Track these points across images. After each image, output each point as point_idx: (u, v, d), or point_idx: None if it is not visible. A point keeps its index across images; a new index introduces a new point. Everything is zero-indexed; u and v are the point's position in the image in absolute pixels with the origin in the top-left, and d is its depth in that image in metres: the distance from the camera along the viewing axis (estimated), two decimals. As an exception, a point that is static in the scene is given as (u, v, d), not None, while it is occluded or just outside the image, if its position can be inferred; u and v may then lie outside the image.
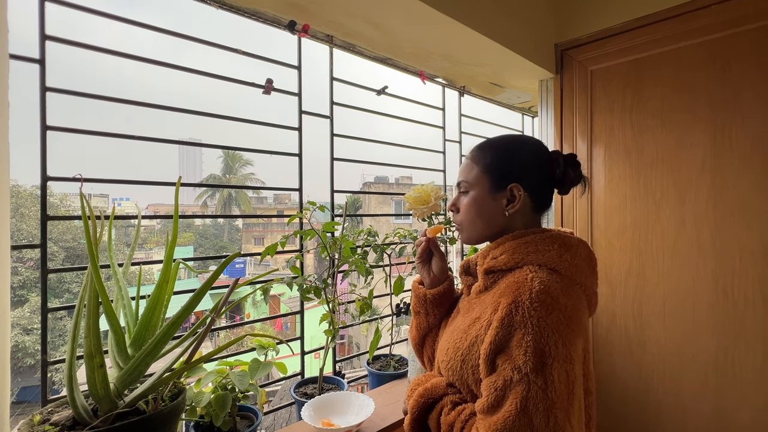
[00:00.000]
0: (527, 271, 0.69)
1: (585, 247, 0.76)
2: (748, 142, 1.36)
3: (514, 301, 0.64)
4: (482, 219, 0.80)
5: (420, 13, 1.29)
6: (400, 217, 14.04)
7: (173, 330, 0.83)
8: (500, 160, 0.80)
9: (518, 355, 0.61)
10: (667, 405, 1.51)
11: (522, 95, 2.21)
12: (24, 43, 0.95)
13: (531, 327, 0.61)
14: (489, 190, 0.79)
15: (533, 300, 0.63)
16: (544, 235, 0.74)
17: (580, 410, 0.64)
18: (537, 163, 0.80)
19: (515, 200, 0.77)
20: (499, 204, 0.78)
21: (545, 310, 0.62)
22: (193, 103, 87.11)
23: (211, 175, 31.29)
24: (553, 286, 0.66)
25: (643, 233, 1.57)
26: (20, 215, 12.93)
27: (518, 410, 0.59)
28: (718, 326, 1.40)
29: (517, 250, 0.73)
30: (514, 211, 0.77)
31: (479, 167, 0.81)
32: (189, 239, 25.76)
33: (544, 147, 0.83)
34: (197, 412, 0.99)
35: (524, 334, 0.61)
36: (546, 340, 0.61)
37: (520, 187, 0.77)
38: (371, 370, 1.49)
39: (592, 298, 0.75)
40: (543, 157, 0.81)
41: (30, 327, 11.71)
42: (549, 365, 0.60)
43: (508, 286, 0.68)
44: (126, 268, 0.95)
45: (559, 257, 0.71)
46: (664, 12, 1.51)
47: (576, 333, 0.64)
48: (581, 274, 0.72)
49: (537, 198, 0.79)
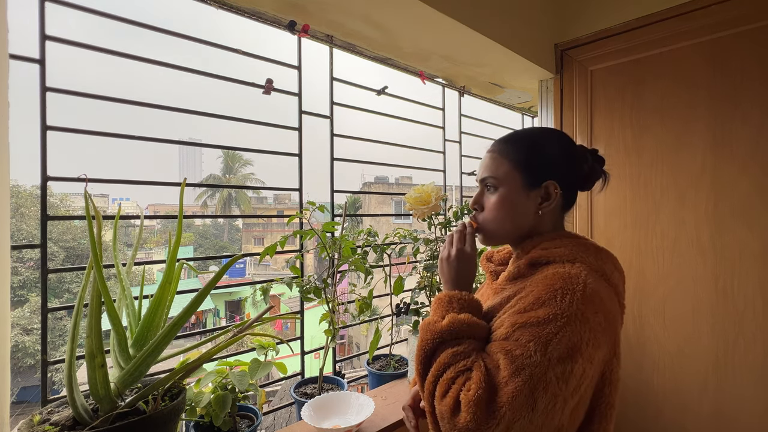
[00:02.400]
0: (580, 267, 0.65)
1: (623, 273, 0.75)
2: (748, 142, 1.36)
3: (564, 288, 0.61)
4: (512, 218, 0.75)
5: (420, 13, 1.29)
6: (400, 217, 14.03)
7: (175, 330, 0.83)
8: (534, 155, 0.74)
9: (549, 336, 0.58)
10: (667, 405, 1.51)
11: (522, 95, 2.21)
12: (24, 43, 0.95)
13: (573, 317, 0.59)
14: (522, 187, 0.73)
15: (586, 295, 0.61)
16: (599, 246, 0.73)
17: (577, 409, 0.64)
18: (568, 158, 0.75)
19: (550, 198, 0.73)
20: (533, 202, 0.73)
21: (592, 308, 0.61)
22: (193, 104, 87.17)
23: (211, 175, 31.29)
24: (603, 290, 0.65)
25: (643, 233, 1.57)
26: (20, 215, 12.93)
27: (528, 390, 0.56)
28: (718, 326, 1.40)
29: (575, 248, 0.69)
30: (550, 210, 0.74)
31: (510, 162, 0.74)
32: (189, 239, 25.76)
33: (573, 141, 0.79)
34: (197, 412, 0.99)
35: (565, 323, 0.59)
36: (582, 335, 0.59)
37: (557, 185, 0.72)
38: (371, 370, 1.49)
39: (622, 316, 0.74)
40: (572, 151, 0.76)
41: (30, 327, 11.70)
42: (574, 359, 0.58)
43: (555, 274, 0.65)
44: (129, 268, 0.95)
45: (611, 270, 0.69)
46: (664, 12, 1.51)
47: (606, 340, 0.63)
48: (622, 294, 0.72)
49: (567, 196, 0.76)
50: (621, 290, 0.72)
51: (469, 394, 0.57)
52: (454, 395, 0.59)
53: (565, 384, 0.57)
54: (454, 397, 0.59)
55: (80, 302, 0.78)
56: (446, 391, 0.61)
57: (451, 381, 0.61)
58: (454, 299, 0.70)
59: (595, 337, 0.61)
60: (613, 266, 0.71)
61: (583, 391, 0.62)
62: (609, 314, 0.64)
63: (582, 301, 0.60)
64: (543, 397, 0.56)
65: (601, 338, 0.62)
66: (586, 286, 0.62)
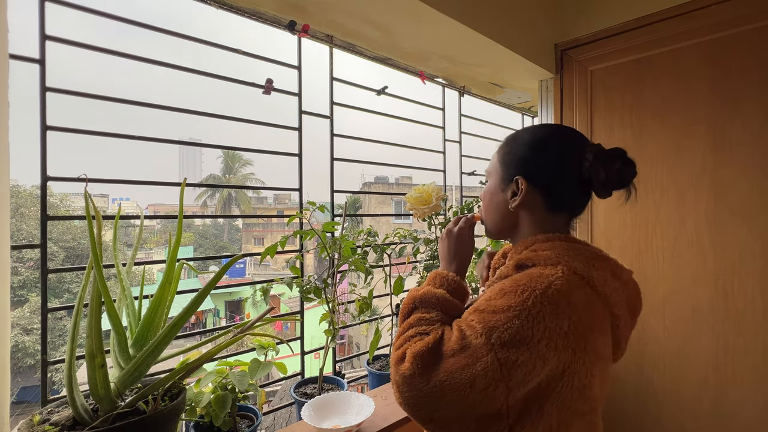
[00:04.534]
0: (557, 270, 0.63)
1: (635, 287, 0.73)
2: (748, 142, 1.35)
3: (526, 284, 0.61)
4: (493, 210, 0.79)
5: (420, 13, 1.29)
6: (400, 217, 14.04)
7: (175, 330, 0.83)
8: (511, 151, 0.76)
9: (497, 324, 0.59)
10: (667, 405, 1.51)
11: (522, 95, 2.22)
12: (24, 43, 0.95)
13: (526, 312, 0.58)
14: (500, 181, 0.77)
15: (547, 295, 0.59)
16: (599, 253, 0.70)
17: (530, 403, 0.62)
18: (557, 157, 0.72)
19: (517, 193, 0.73)
20: (506, 196, 0.75)
21: (552, 309, 0.59)
22: (193, 104, 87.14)
23: (211, 175, 31.27)
24: (577, 295, 0.61)
25: (643, 233, 1.57)
26: (20, 215, 12.93)
27: (467, 368, 0.59)
28: (718, 326, 1.40)
29: (564, 252, 0.67)
30: (517, 206, 0.73)
31: (497, 158, 0.79)
32: (189, 239, 25.75)
33: (577, 140, 0.74)
34: (197, 412, 0.99)
35: (515, 315, 0.59)
36: (533, 332, 0.58)
37: (524, 180, 0.72)
38: (371, 370, 1.49)
39: (622, 342, 0.71)
40: (568, 150, 0.73)
41: (30, 327, 11.70)
42: (519, 350, 0.58)
43: (528, 274, 0.64)
44: (129, 268, 0.95)
45: (604, 278, 0.66)
46: (664, 12, 1.51)
47: (566, 345, 0.59)
48: (617, 304, 0.67)
49: (552, 196, 0.73)
50: (616, 299, 0.67)
51: (414, 347, 0.65)
52: (405, 348, 0.67)
53: (508, 372, 0.58)
54: (404, 349, 0.67)
55: (80, 302, 0.78)
56: (401, 345, 0.68)
57: (408, 338, 0.69)
58: (438, 276, 0.77)
59: (550, 337, 0.58)
60: (611, 275, 0.68)
61: (536, 387, 0.60)
62: (579, 321, 0.60)
63: (540, 300, 0.59)
64: (482, 379, 0.58)
65: (559, 342, 0.59)
66: (550, 286, 0.60)
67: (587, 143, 0.73)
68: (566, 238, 0.72)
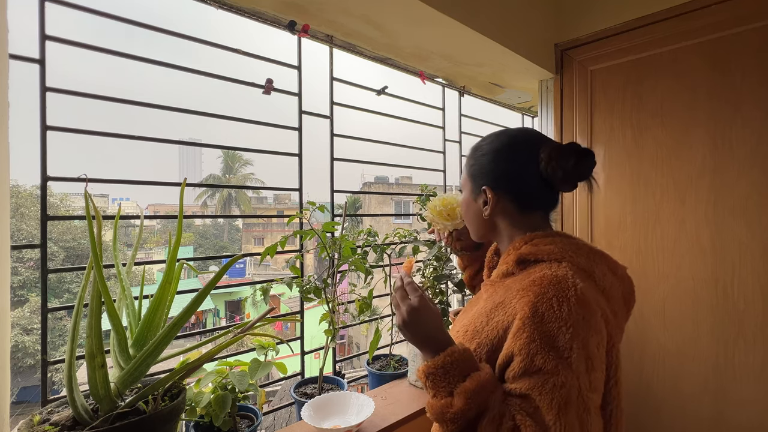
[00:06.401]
0: (566, 267, 0.65)
1: (629, 283, 0.75)
2: (748, 141, 1.36)
3: (557, 295, 0.60)
4: (471, 219, 0.82)
5: (420, 13, 1.29)
6: (400, 217, 14.04)
7: (175, 330, 0.83)
8: (475, 162, 0.80)
9: (566, 347, 0.57)
10: (666, 405, 1.51)
11: (522, 95, 2.22)
12: (24, 43, 0.95)
13: (576, 324, 0.59)
14: (471, 192, 0.81)
15: (579, 298, 0.60)
16: (594, 248, 0.72)
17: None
18: (515, 162, 0.74)
19: (487, 203, 0.76)
20: (479, 205, 0.79)
21: (589, 309, 0.61)
22: (193, 103, 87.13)
23: (210, 175, 31.29)
24: (589, 291, 0.64)
25: (643, 233, 1.57)
26: (20, 215, 12.93)
27: (577, 420, 0.56)
28: (718, 326, 1.40)
29: (566, 247, 0.69)
30: (491, 213, 0.76)
31: (466, 171, 0.83)
32: (189, 239, 25.77)
33: (532, 142, 0.75)
34: (197, 412, 0.99)
35: (573, 333, 0.58)
36: (589, 338, 0.60)
37: (489, 189, 0.76)
38: (371, 370, 1.49)
39: (617, 332, 0.71)
40: (524, 153, 0.74)
41: (30, 327, 11.71)
42: (593, 364, 0.60)
43: (543, 278, 0.63)
44: (129, 268, 0.95)
45: (603, 272, 0.69)
46: (664, 12, 1.51)
47: (602, 338, 0.64)
48: (615, 299, 0.70)
49: (521, 199, 0.75)
50: (613, 295, 0.69)
51: None
52: None
53: (594, 391, 0.60)
54: None
55: (80, 302, 0.78)
56: None
57: None
58: (447, 367, 0.61)
59: (599, 333, 0.62)
60: (608, 269, 0.70)
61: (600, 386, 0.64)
62: (603, 314, 0.64)
63: (578, 306, 0.60)
64: (587, 417, 0.57)
65: (600, 337, 0.62)
66: (577, 289, 0.61)
67: (543, 143, 0.74)
68: (563, 234, 0.74)
